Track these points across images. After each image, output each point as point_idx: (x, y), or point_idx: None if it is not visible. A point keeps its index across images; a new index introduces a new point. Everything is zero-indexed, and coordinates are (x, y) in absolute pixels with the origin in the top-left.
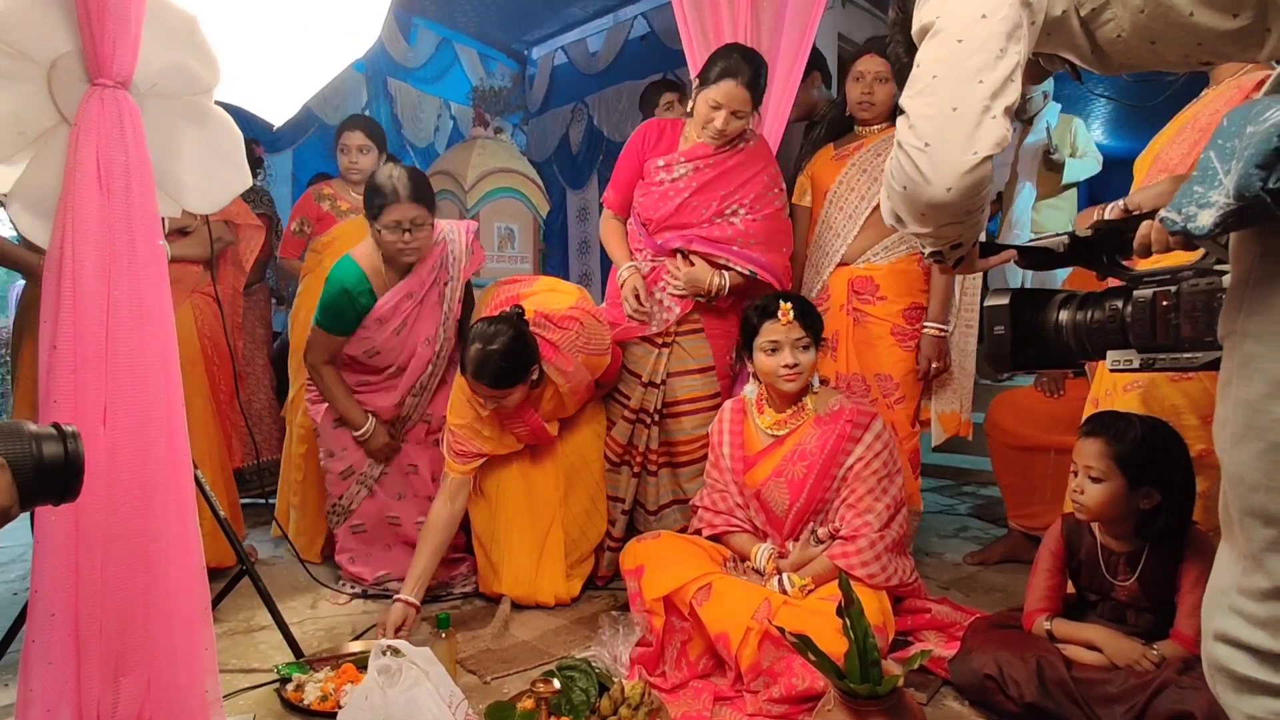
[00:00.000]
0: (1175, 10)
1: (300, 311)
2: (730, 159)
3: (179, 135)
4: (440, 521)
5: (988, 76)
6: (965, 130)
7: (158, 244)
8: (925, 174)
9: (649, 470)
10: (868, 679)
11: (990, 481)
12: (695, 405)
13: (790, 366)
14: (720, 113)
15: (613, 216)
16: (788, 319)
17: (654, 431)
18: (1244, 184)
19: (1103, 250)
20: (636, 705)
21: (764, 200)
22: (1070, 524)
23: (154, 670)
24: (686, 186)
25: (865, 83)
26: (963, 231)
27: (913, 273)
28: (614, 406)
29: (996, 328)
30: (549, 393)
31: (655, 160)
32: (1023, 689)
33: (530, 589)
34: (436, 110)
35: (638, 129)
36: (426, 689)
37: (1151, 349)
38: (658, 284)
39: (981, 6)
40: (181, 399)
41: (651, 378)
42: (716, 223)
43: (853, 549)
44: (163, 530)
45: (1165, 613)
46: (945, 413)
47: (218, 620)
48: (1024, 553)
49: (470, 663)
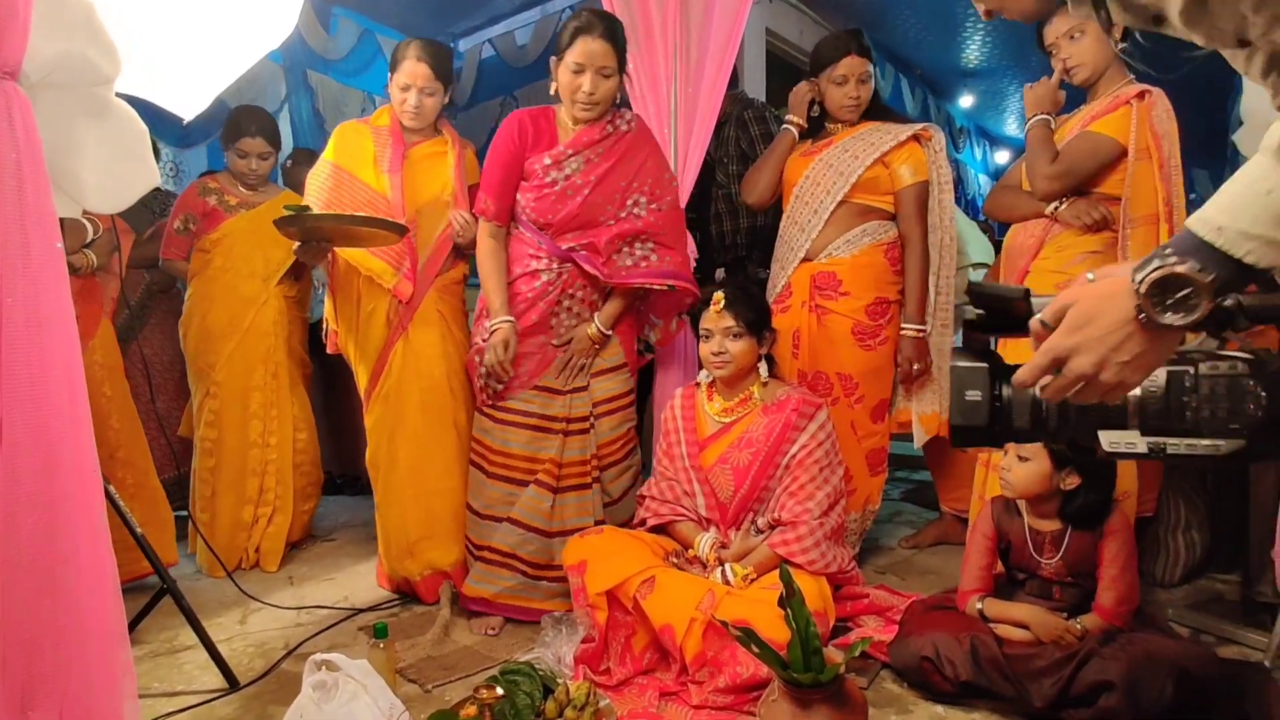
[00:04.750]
0: None
1: (193, 318)
2: (620, 143)
3: (77, 130)
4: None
5: None
6: None
7: (55, 246)
8: None
9: (580, 485)
10: (810, 668)
11: (922, 466)
12: (612, 405)
13: (717, 354)
14: (585, 75)
15: (492, 234)
16: (718, 308)
17: (588, 439)
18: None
19: None
20: (582, 706)
21: (662, 186)
22: (999, 507)
23: (66, 700)
24: (585, 183)
25: (851, 85)
26: None
27: (878, 264)
28: (504, 415)
29: (969, 393)
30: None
31: (540, 158)
32: (958, 668)
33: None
34: (360, 104)
35: (505, 124)
36: (364, 702)
37: (1162, 433)
38: (565, 292)
39: None
40: (88, 412)
41: (574, 384)
42: (622, 218)
43: (793, 536)
44: (72, 552)
45: (1088, 587)
46: (926, 414)
47: (138, 641)
48: (956, 535)
49: (410, 671)
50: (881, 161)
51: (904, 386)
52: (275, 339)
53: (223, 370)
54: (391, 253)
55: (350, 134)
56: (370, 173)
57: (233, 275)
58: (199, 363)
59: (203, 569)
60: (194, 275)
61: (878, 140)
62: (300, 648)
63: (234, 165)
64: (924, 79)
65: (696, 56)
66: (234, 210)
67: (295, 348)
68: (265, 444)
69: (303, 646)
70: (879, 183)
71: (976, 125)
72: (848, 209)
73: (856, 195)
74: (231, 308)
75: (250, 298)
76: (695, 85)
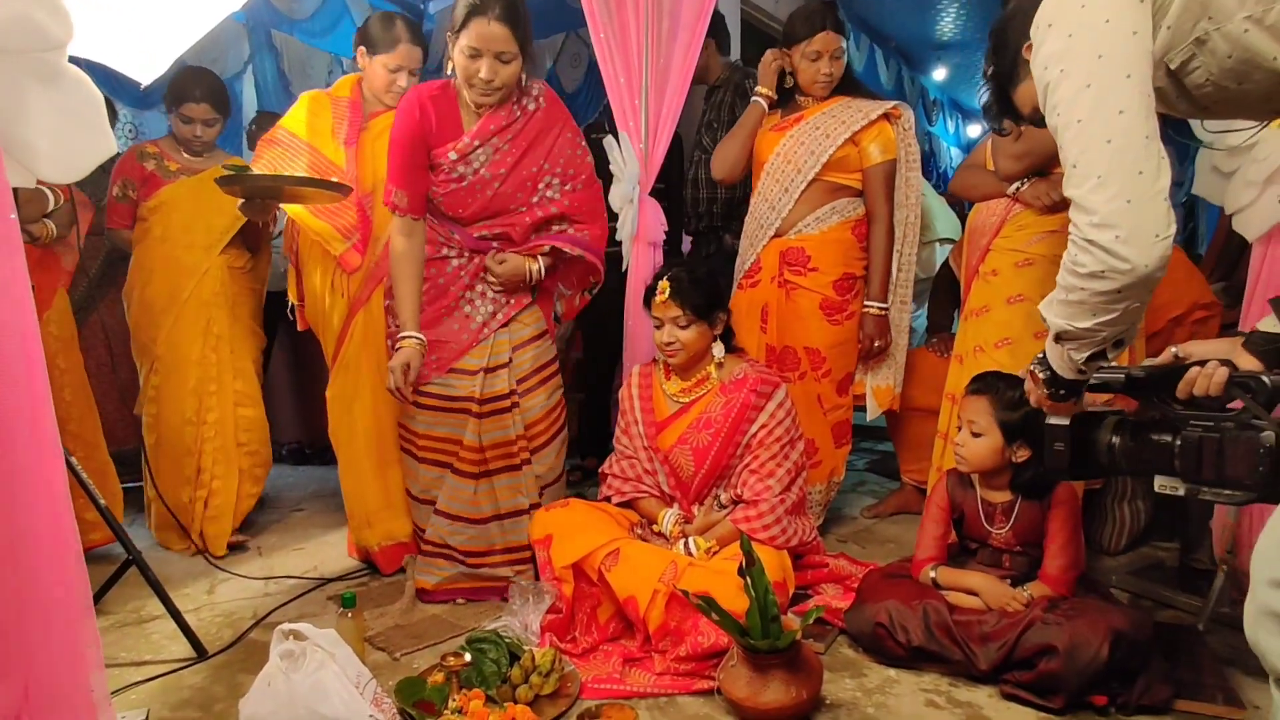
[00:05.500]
0: (1261, 55)
1: (134, 289)
2: (530, 126)
3: (27, 96)
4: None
5: (1146, 166)
6: (1152, 215)
7: (9, 217)
8: (1127, 257)
9: (509, 467)
10: (768, 634)
11: (885, 437)
12: (537, 379)
13: (667, 344)
14: (482, 60)
15: (407, 231)
16: (663, 297)
17: (513, 418)
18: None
19: (1154, 389)
20: (547, 672)
21: (576, 164)
22: (954, 479)
23: (31, 674)
24: (495, 175)
25: (824, 61)
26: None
27: (845, 241)
28: (425, 400)
29: (1057, 444)
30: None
31: (445, 152)
32: (910, 634)
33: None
34: (327, 65)
35: (404, 107)
36: (333, 671)
37: (1198, 481)
38: (479, 276)
39: (1116, 103)
40: (46, 382)
41: (494, 361)
42: (534, 204)
43: (754, 513)
44: (31, 524)
45: (1035, 556)
46: (880, 387)
47: (104, 612)
48: (916, 505)
49: (379, 640)
50: (852, 140)
51: (861, 361)
52: (216, 310)
53: (163, 344)
54: (343, 222)
55: (310, 104)
56: (329, 144)
57: (171, 245)
58: (141, 336)
59: (160, 543)
60: (135, 244)
61: (849, 118)
62: (269, 617)
63: (177, 130)
64: (898, 51)
65: (669, 26)
66: (173, 176)
67: (244, 319)
68: (202, 421)
69: (271, 616)
70: (849, 161)
71: (950, 98)
72: (818, 186)
73: (827, 174)
74: (171, 279)
75: (190, 268)
76: (667, 55)
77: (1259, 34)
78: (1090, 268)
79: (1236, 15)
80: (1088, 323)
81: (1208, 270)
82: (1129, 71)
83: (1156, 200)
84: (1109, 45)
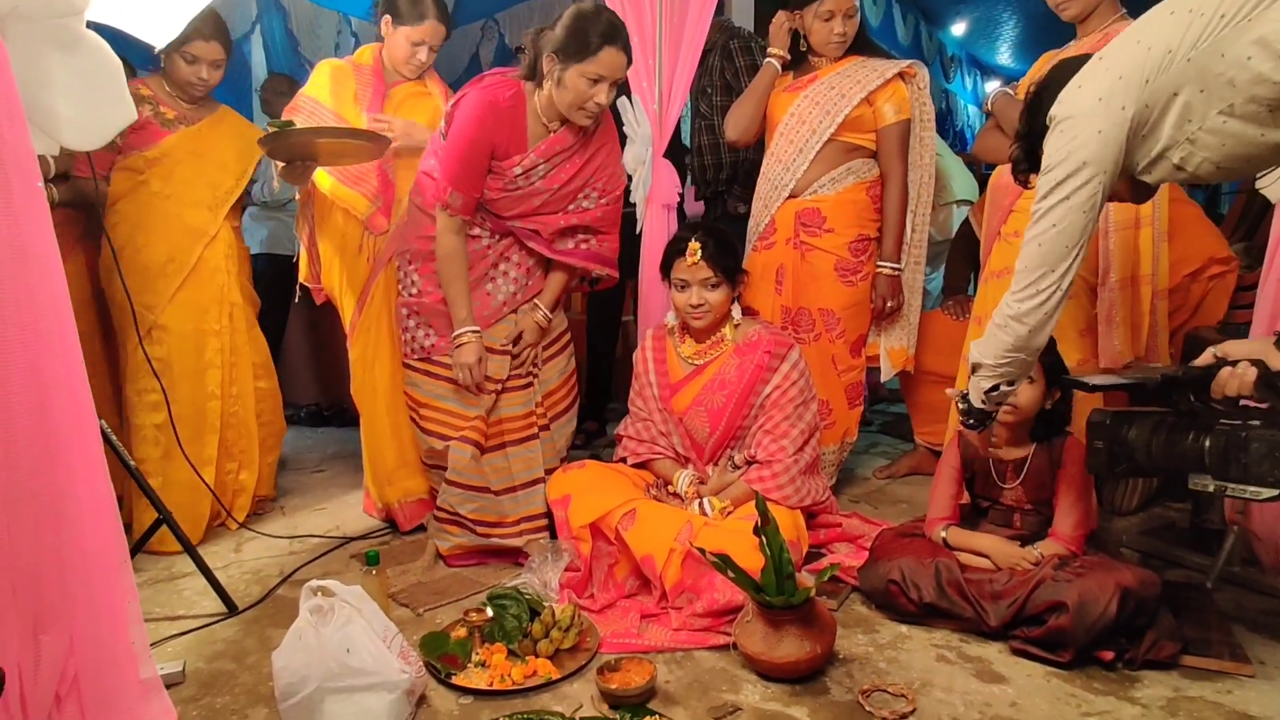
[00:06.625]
0: (1248, 136)
1: (124, 250)
2: (588, 145)
3: (48, 63)
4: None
5: (1063, 277)
6: (1048, 312)
7: (36, 185)
8: (1032, 337)
9: (525, 438)
10: (783, 591)
11: (899, 399)
12: (555, 346)
13: (696, 306)
14: (602, 85)
15: (456, 229)
16: (694, 259)
17: (531, 393)
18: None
19: (1189, 389)
20: (567, 627)
21: (614, 180)
22: (966, 439)
23: (75, 626)
24: (547, 188)
25: (837, 21)
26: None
27: (860, 202)
28: (438, 370)
29: (1097, 442)
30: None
31: (512, 166)
32: (922, 591)
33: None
34: (336, 25)
35: (478, 110)
36: (360, 625)
37: (1225, 479)
38: (503, 256)
39: (1052, 219)
40: (78, 347)
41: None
42: (570, 210)
43: (768, 473)
44: (69, 485)
45: (1046, 514)
46: (894, 348)
47: (137, 569)
48: (929, 466)
49: (402, 596)
50: (867, 100)
51: (874, 322)
52: (228, 276)
53: (168, 313)
54: (368, 186)
55: (332, 71)
56: (351, 111)
57: (175, 203)
58: (134, 302)
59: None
60: (120, 198)
61: (863, 78)
62: (295, 574)
63: (178, 72)
64: (916, 5)
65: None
66: (172, 125)
67: (246, 285)
68: (228, 395)
69: (298, 574)
70: (863, 121)
71: (968, 54)
72: (833, 147)
73: (842, 134)
74: (174, 240)
75: (199, 230)
76: (681, 13)
77: (1236, 122)
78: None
79: (1210, 113)
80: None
81: (1229, 230)
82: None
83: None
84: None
